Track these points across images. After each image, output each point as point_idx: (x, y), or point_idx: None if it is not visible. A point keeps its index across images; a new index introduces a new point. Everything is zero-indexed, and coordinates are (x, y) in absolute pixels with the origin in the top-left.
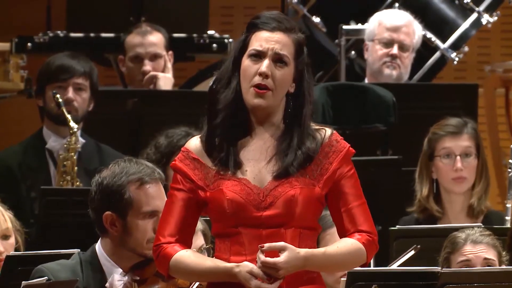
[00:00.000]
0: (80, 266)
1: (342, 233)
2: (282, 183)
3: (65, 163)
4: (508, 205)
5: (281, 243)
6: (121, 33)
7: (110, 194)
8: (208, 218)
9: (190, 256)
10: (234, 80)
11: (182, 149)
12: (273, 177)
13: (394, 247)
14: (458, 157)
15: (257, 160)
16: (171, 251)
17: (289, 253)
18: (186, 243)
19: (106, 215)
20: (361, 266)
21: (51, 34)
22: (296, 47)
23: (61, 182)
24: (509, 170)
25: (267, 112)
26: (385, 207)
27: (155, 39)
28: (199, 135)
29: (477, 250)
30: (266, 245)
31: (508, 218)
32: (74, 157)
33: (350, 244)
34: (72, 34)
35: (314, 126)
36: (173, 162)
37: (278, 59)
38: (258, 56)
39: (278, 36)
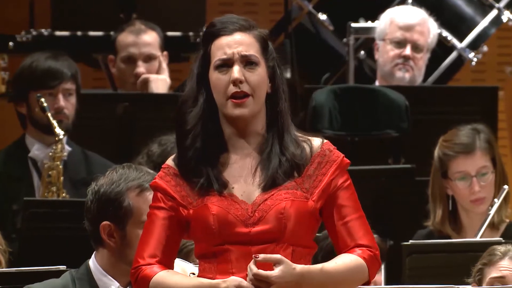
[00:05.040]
0: (73, 285)
1: (340, 249)
2: (272, 196)
3: (50, 173)
4: None
5: (278, 256)
6: (110, 31)
7: (107, 202)
8: None
9: (171, 276)
10: (200, 98)
11: (162, 166)
12: (261, 189)
13: (407, 263)
14: (474, 179)
15: (243, 177)
16: (150, 273)
17: (284, 267)
18: (168, 265)
19: (103, 225)
20: (364, 284)
21: (34, 33)
22: (261, 44)
23: (46, 194)
24: None
25: (249, 121)
26: (398, 220)
27: (150, 38)
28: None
29: None
30: (261, 255)
31: None
32: (60, 166)
33: (349, 260)
34: (58, 33)
35: (301, 135)
36: (153, 181)
37: (247, 62)
38: (225, 65)
39: (239, 37)
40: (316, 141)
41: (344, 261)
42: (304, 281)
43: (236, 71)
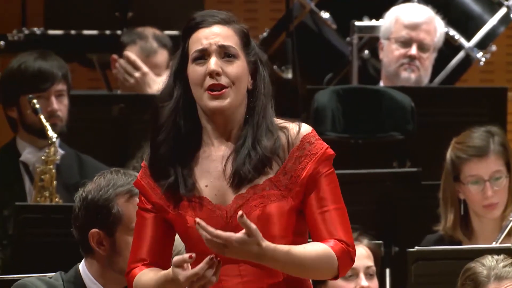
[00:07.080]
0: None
1: (316, 239)
2: (247, 202)
3: (42, 177)
4: None
5: (254, 227)
6: (105, 30)
7: (96, 210)
8: None
9: (146, 274)
10: (175, 92)
11: (142, 164)
12: (231, 187)
13: (412, 270)
14: (488, 183)
15: (215, 172)
16: (133, 275)
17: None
18: (161, 265)
19: (92, 232)
20: (332, 279)
21: (26, 32)
22: (241, 37)
23: (38, 198)
24: None
25: (228, 114)
26: (403, 226)
27: (159, 59)
28: None
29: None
30: (244, 217)
31: None
32: (53, 170)
33: (320, 248)
34: (51, 32)
35: (282, 122)
36: (136, 180)
37: (225, 53)
38: (202, 57)
39: (217, 29)
40: (294, 131)
41: (314, 248)
42: (265, 258)
43: (213, 62)
